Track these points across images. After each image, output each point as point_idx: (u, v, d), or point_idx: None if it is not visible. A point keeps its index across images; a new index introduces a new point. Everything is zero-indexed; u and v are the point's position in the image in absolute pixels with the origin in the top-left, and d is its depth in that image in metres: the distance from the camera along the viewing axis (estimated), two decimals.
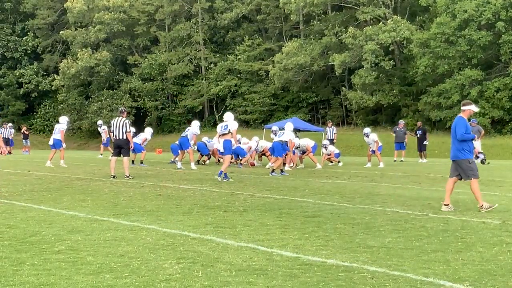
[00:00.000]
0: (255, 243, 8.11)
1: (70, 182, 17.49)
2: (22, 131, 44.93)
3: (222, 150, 19.56)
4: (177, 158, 25.98)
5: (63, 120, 26.32)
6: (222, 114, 32.44)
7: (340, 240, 8.41)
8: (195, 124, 25.62)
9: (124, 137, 19.13)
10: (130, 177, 18.88)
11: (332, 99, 62.02)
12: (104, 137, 34.93)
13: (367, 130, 28.89)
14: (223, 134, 18.94)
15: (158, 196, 13.87)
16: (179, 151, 25.76)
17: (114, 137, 19.37)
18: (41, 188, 15.58)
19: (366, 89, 54.31)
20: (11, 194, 14.02)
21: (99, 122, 38.19)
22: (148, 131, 28.77)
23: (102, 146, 35.92)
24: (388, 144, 34.57)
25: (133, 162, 25.43)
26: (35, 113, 74.44)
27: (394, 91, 53.98)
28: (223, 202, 12.67)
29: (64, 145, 26.08)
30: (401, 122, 34.22)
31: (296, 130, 29.52)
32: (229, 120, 19.08)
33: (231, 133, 18.85)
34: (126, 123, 19.22)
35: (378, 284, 6.08)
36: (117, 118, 19.46)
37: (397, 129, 32.98)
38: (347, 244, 8.17)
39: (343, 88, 58.47)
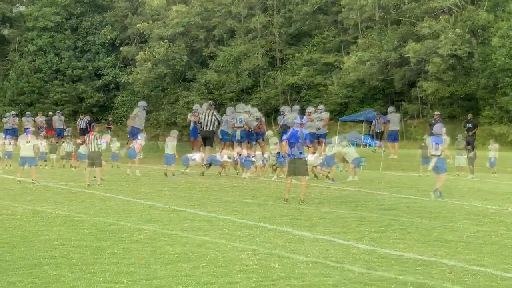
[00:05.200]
0: (331, 236, 8.09)
1: (147, 173, 17.77)
2: (108, 122, 45.75)
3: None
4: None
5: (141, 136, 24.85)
6: (298, 105, 32.04)
7: (417, 234, 8.32)
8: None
9: (211, 129, 20.97)
10: (207, 164, 20.09)
11: (408, 91, 61.24)
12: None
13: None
14: (239, 127, 21.08)
15: (233, 187, 13.97)
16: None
17: (202, 128, 20.92)
18: (119, 178, 15.88)
19: (443, 79, 53.43)
20: (90, 184, 14.33)
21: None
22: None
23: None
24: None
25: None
26: (112, 104, 75.84)
27: (471, 82, 52.87)
28: (298, 194, 12.64)
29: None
30: (437, 113, 31.60)
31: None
32: (241, 113, 21.46)
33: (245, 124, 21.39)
34: (215, 115, 21.27)
35: (457, 278, 6.00)
36: (206, 111, 21.36)
37: (432, 121, 30.85)
38: (424, 238, 8.08)
39: (419, 78, 57.70)
